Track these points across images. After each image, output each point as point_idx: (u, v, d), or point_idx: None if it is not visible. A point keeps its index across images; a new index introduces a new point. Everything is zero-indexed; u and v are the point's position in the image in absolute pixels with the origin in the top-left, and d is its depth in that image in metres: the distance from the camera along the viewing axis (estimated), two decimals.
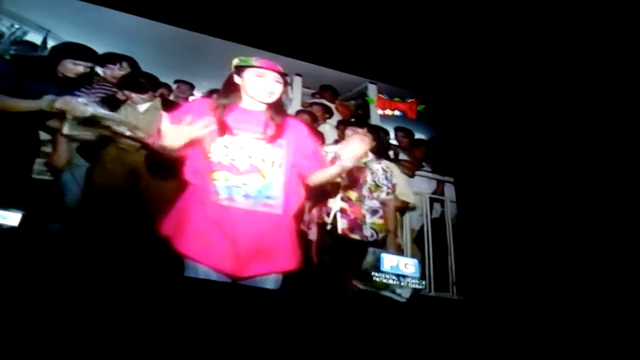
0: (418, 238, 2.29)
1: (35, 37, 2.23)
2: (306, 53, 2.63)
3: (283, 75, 1.60)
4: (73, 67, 2.04)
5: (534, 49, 2.69)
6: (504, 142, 2.70)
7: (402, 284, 2.08)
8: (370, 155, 2.25)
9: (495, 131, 2.75)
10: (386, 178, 2.23)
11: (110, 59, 2.14)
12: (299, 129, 1.72)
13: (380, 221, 2.17)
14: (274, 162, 1.60)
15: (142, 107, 2.08)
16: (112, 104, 2.04)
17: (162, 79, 2.26)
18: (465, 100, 2.92)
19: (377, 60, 2.89)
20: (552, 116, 2.64)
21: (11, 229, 1.67)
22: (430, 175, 2.55)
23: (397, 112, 3.31)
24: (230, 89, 1.64)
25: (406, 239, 2.25)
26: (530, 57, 2.70)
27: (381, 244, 2.15)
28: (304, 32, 2.67)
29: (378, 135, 2.38)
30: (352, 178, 2.17)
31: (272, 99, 1.60)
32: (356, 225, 2.15)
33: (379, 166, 2.25)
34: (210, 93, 2.56)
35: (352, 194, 2.18)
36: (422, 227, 2.37)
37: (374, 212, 2.18)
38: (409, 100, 3.32)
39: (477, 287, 2.20)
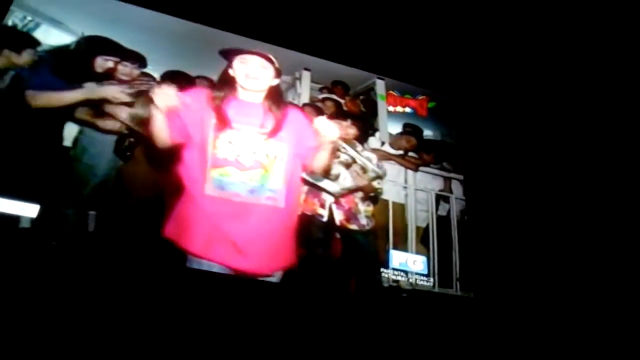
0: (424, 237, 2.28)
1: (47, 30, 2.29)
2: (315, 48, 2.63)
3: (270, 60, 1.58)
4: (103, 63, 2.05)
5: (549, 45, 2.64)
6: (514, 141, 2.68)
7: (411, 281, 2.09)
8: (358, 146, 2.27)
9: (506, 130, 2.72)
10: (379, 166, 2.25)
11: (128, 55, 2.13)
12: (299, 119, 1.72)
13: (370, 208, 2.19)
14: (277, 156, 1.61)
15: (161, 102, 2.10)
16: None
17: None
18: (476, 98, 2.89)
19: (388, 56, 2.88)
20: (565, 116, 2.61)
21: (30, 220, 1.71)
22: (437, 172, 2.54)
23: (407, 110, 3.29)
24: (224, 81, 1.64)
25: (411, 237, 2.25)
26: (546, 54, 2.66)
27: (371, 233, 2.17)
28: (314, 26, 2.67)
29: (363, 123, 2.45)
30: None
31: (260, 86, 1.58)
32: (352, 214, 2.16)
33: (371, 155, 2.29)
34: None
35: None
36: (427, 226, 2.35)
37: (364, 199, 2.20)
38: (420, 97, 3.29)
39: (482, 284, 2.19)
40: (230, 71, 1.63)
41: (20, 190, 1.74)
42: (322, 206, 2.13)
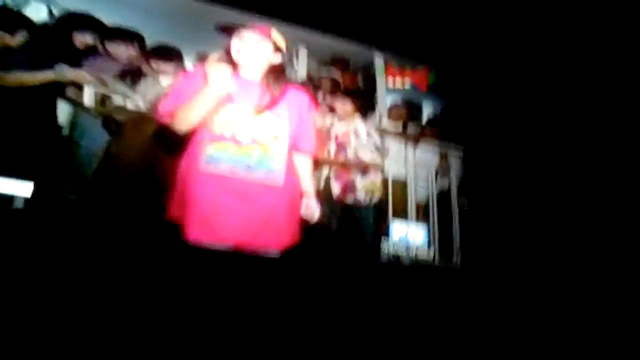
0: (424, 212, 2.29)
1: (38, 7, 2.23)
2: (313, 21, 2.57)
3: (267, 35, 1.50)
4: (81, 38, 2.02)
5: (553, 18, 2.58)
6: (514, 114, 2.64)
7: (411, 255, 2.10)
8: (357, 118, 2.25)
9: (505, 101, 2.69)
10: (372, 140, 2.22)
11: (117, 34, 2.07)
12: (301, 100, 1.66)
13: (371, 183, 2.18)
14: (275, 134, 1.58)
15: (165, 82, 2.04)
16: (133, 77, 2.02)
17: None
18: (476, 70, 2.84)
19: (386, 28, 2.81)
20: (566, 90, 2.57)
21: (25, 199, 1.73)
22: (437, 147, 2.51)
23: (407, 85, 3.23)
24: (224, 59, 1.59)
25: (411, 212, 2.26)
26: (549, 28, 2.60)
27: (371, 208, 2.16)
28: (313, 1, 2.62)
29: (360, 99, 2.35)
30: (337, 142, 2.21)
31: (256, 62, 1.54)
32: (348, 188, 2.17)
33: (364, 127, 2.24)
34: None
35: (340, 157, 2.20)
36: (427, 201, 2.35)
37: (363, 172, 2.19)
38: (419, 69, 3.22)
39: (481, 257, 2.21)
40: (232, 48, 1.57)
41: (17, 171, 1.75)
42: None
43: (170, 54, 2.08)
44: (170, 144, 1.65)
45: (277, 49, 1.59)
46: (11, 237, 1.60)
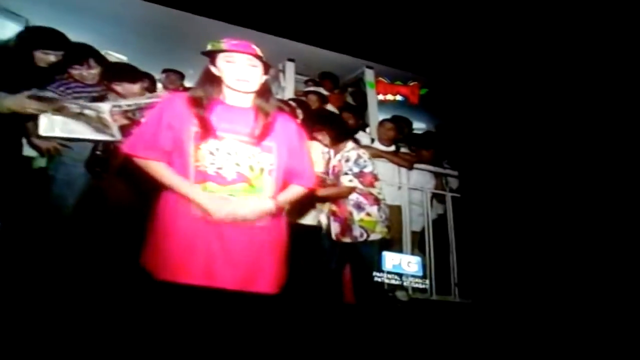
0: (420, 242, 2.16)
1: (3, 23, 2.03)
2: (300, 33, 2.42)
3: (259, 57, 1.38)
4: (43, 57, 1.81)
5: (551, 25, 2.50)
6: (513, 131, 2.55)
7: (405, 283, 1.97)
8: (349, 144, 2.10)
9: (504, 118, 2.59)
10: (357, 164, 2.03)
11: (74, 57, 1.87)
12: (290, 129, 1.52)
13: (368, 218, 2.01)
14: (263, 168, 1.44)
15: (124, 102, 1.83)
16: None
17: (145, 68, 2.07)
18: (470, 83, 2.74)
19: (376, 40, 2.68)
20: (568, 103, 2.48)
21: None
22: (432, 168, 2.39)
23: (398, 97, 3.13)
24: (207, 81, 1.43)
25: (406, 241, 2.13)
26: (547, 35, 2.51)
27: (371, 244, 1.99)
28: (298, 10, 2.43)
29: (333, 124, 2.18)
30: (334, 173, 2.07)
31: (250, 87, 1.40)
32: (346, 226, 2.01)
33: (354, 152, 2.06)
34: (180, 86, 2.39)
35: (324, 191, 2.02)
36: (423, 229, 2.22)
37: (358, 206, 2.02)
38: (411, 84, 3.13)
39: (481, 288, 2.10)
40: (214, 70, 1.41)
41: None
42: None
43: (133, 75, 1.92)
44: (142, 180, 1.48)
45: (267, 69, 1.46)
46: None
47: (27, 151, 1.84)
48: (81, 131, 1.70)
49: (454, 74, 2.73)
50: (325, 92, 2.62)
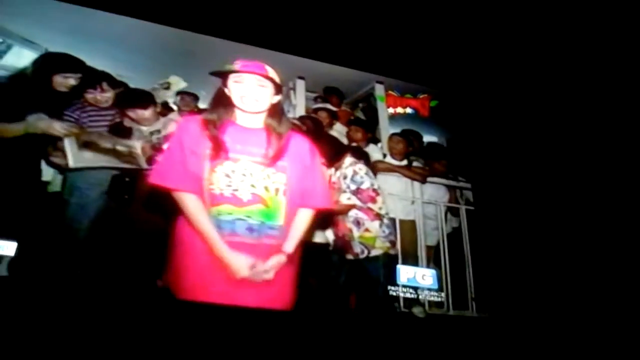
0: (436, 257, 2.12)
1: (20, 51, 2.08)
2: (310, 50, 2.44)
3: (268, 77, 1.38)
4: (63, 81, 1.84)
5: (564, 37, 2.48)
6: (526, 141, 2.51)
7: (421, 297, 1.94)
8: (347, 160, 2.06)
9: (516, 129, 2.56)
10: (353, 180, 2.00)
11: (89, 81, 1.91)
12: (302, 148, 1.52)
13: (368, 234, 1.98)
14: (278, 189, 1.44)
15: (147, 129, 1.90)
16: (121, 133, 1.87)
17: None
18: (481, 95, 2.72)
19: (386, 54, 2.69)
20: (581, 111, 2.45)
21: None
22: (445, 182, 2.37)
23: (408, 110, 3.13)
24: (219, 103, 1.44)
25: (422, 256, 2.11)
26: (560, 46, 2.49)
27: (375, 260, 1.96)
28: (307, 28, 2.46)
29: (325, 144, 2.08)
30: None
31: (259, 107, 1.41)
32: (346, 243, 1.99)
33: (351, 169, 2.03)
34: (195, 107, 2.42)
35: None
36: (438, 244, 2.19)
37: (358, 223, 1.99)
38: (421, 96, 3.13)
39: (499, 302, 2.06)
40: (226, 90, 1.42)
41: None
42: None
43: (145, 100, 1.94)
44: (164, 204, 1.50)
45: (279, 90, 1.46)
46: None
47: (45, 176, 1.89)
48: (110, 161, 1.76)
49: (464, 85, 2.72)
50: (333, 108, 2.63)
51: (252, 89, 1.37)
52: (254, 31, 2.28)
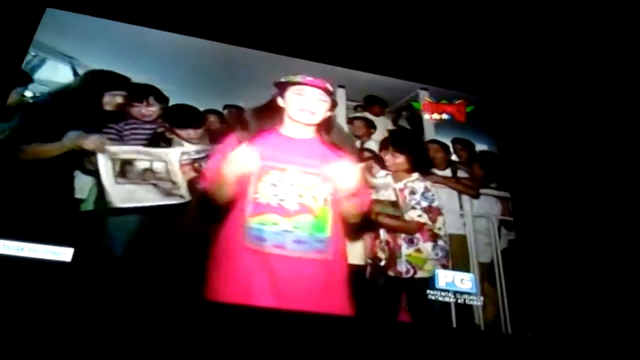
0: (490, 274, 1.96)
1: (54, 66, 2.08)
2: (350, 59, 2.41)
3: (329, 92, 1.46)
4: (111, 100, 1.85)
5: (611, 41, 2.35)
6: (571, 148, 2.37)
7: (459, 301, 1.81)
8: (414, 175, 1.99)
9: (559, 134, 2.42)
10: (425, 197, 1.92)
11: (135, 96, 1.90)
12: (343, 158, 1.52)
13: (417, 254, 1.86)
14: (326, 199, 1.41)
15: (192, 148, 1.80)
16: (161, 143, 1.81)
17: (202, 107, 1.98)
18: (522, 98, 2.61)
19: (427, 61, 2.64)
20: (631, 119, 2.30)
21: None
22: (496, 193, 2.22)
23: (444, 116, 3.04)
24: (269, 111, 1.48)
25: (475, 274, 1.95)
26: (609, 51, 2.35)
27: (419, 282, 1.81)
28: (348, 36, 2.48)
29: (409, 151, 2.08)
30: (391, 202, 1.93)
31: (313, 120, 1.44)
32: (392, 259, 1.86)
33: (421, 184, 1.95)
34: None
35: (389, 221, 1.88)
36: (492, 260, 2.03)
37: (410, 241, 1.88)
38: (456, 102, 3.05)
39: (542, 321, 1.88)
40: (280, 101, 1.46)
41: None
42: (382, 250, 1.85)
43: (198, 119, 1.91)
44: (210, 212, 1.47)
45: (334, 105, 1.50)
46: None
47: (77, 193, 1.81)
48: (150, 198, 1.67)
49: (504, 90, 2.62)
50: (372, 117, 2.56)
51: (312, 102, 1.42)
52: (294, 43, 2.27)
